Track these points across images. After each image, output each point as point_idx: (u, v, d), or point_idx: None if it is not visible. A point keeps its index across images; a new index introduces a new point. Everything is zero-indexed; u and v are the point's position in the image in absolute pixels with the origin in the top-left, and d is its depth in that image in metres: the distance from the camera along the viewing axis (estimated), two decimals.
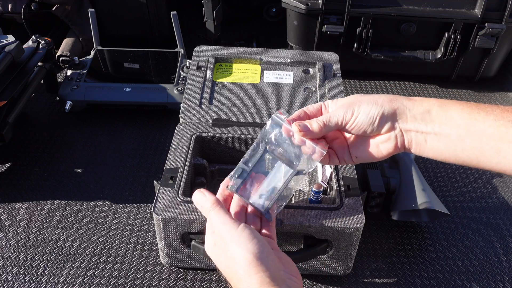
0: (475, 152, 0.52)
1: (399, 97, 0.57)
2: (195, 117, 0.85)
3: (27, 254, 0.78)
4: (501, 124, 0.50)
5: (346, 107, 0.58)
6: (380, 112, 0.56)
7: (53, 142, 1.02)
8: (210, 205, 0.57)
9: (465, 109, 0.53)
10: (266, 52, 1.00)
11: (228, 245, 0.53)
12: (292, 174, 0.60)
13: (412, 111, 0.55)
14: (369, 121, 0.56)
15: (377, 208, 0.84)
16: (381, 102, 0.56)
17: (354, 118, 0.57)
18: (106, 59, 1.18)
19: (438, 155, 0.55)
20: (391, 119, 0.56)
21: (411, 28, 1.14)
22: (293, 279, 0.52)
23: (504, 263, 0.80)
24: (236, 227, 0.54)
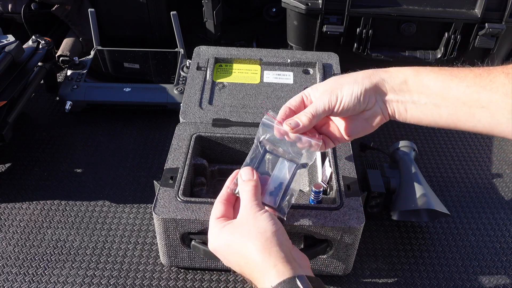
0: (452, 118, 0.55)
1: (376, 71, 0.59)
2: (195, 117, 0.85)
3: (27, 254, 0.78)
4: (474, 91, 0.52)
5: (329, 92, 0.59)
6: (363, 90, 0.58)
7: (53, 142, 1.02)
8: (252, 185, 0.58)
9: (439, 76, 0.55)
10: (266, 52, 1.00)
11: (247, 221, 0.55)
12: (297, 168, 0.62)
13: (390, 83, 0.58)
14: (354, 101, 0.58)
15: (377, 208, 0.84)
16: (360, 79, 0.58)
17: (339, 101, 0.58)
18: (106, 59, 1.18)
19: (419, 121, 0.59)
20: (373, 94, 0.58)
21: (411, 28, 1.14)
22: (302, 259, 0.55)
23: (504, 263, 0.80)
24: (259, 209, 0.56)
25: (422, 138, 1.07)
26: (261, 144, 0.63)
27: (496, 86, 0.51)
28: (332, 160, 0.77)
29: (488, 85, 0.52)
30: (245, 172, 0.60)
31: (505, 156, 1.03)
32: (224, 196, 0.61)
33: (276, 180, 0.62)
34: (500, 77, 0.51)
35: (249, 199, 0.57)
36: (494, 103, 0.51)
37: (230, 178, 0.62)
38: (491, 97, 0.51)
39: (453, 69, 0.56)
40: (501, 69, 0.52)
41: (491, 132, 0.54)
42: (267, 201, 0.61)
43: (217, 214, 0.59)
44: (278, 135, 0.61)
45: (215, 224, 0.58)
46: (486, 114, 0.52)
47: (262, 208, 0.56)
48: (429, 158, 1.01)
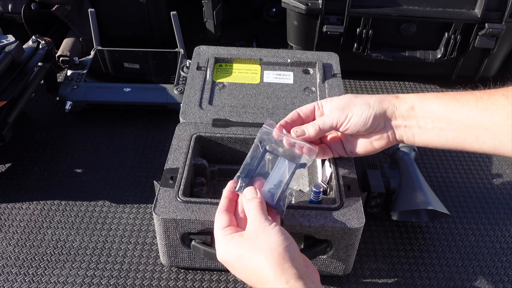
0: (458, 140, 0.58)
1: (387, 97, 0.62)
2: (195, 117, 0.85)
3: (27, 254, 0.78)
4: (476, 114, 0.55)
5: (339, 109, 0.62)
6: (373, 114, 0.61)
7: (53, 142, 1.02)
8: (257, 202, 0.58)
9: (443, 102, 0.58)
10: (266, 52, 1.00)
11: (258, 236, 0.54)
12: (296, 167, 0.63)
13: (399, 109, 0.61)
14: (363, 123, 0.61)
15: (377, 208, 0.84)
16: (372, 103, 0.61)
17: (348, 120, 0.61)
18: (106, 59, 1.18)
19: (427, 144, 0.62)
20: (383, 119, 0.61)
21: (411, 28, 1.14)
22: (313, 274, 0.54)
23: (504, 263, 0.80)
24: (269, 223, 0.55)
25: None
26: (261, 144, 0.64)
27: (497, 109, 0.53)
28: (332, 160, 0.77)
29: (489, 108, 0.54)
30: (249, 192, 0.60)
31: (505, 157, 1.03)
32: (224, 206, 0.60)
33: (275, 178, 0.63)
34: (500, 100, 0.54)
35: (257, 213, 0.56)
36: (496, 125, 0.53)
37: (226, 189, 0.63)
38: (493, 119, 0.53)
39: (456, 94, 0.58)
40: (502, 91, 0.54)
41: (497, 153, 0.56)
42: (266, 198, 0.61)
43: (222, 224, 0.58)
44: (276, 137, 0.63)
45: (222, 235, 0.57)
46: (490, 136, 0.54)
47: (271, 222, 0.55)
48: (429, 158, 1.01)
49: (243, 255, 0.54)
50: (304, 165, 0.64)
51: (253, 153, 0.64)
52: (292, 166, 0.63)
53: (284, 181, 0.63)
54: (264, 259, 0.52)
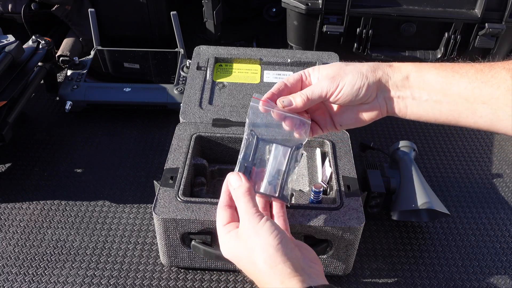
0: (453, 114, 0.54)
1: (381, 65, 0.58)
2: (195, 117, 0.85)
3: (27, 254, 0.78)
4: (475, 86, 0.52)
5: (330, 78, 0.57)
6: (366, 83, 0.56)
7: (53, 142, 1.02)
8: (243, 191, 0.56)
9: (441, 72, 0.55)
10: (266, 52, 1.00)
11: (249, 237, 0.53)
12: (292, 151, 0.61)
13: (393, 79, 0.57)
14: (355, 93, 0.57)
15: (377, 208, 0.84)
16: (365, 72, 0.57)
17: (339, 90, 0.57)
18: (106, 59, 1.18)
19: (419, 117, 0.57)
20: (375, 89, 0.57)
21: (411, 28, 1.14)
22: (313, 266, 0.53)
23: (504, 263, 0.80)
24: (259, 220, 0.53)
25: (422, 138, 1.07)
26: (252, 133, 0.61)
27: (497, 82, 0.51)
28: (332, 160, 0.77)
29: (489, 80, 0.51)
30: (234, 179, 0.58)
31: (505, 156, 1.03)
32: (224, 201, 0.59)
33: (273, 168, 0.61)
34: (501, 73, 0.51)
35: (245, 207, 0.55)
36: (496, 99, 0.50)
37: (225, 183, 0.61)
38: (493, 93, 0.51)
39: (454, 65, 0.55)
40: (502, 64, 0.52)
41: (492, 128, 0.53)
42: (268, 190, 0.60)
43: (222, 221, 0.57)
44: (262, 110, 0.59)
45: (223, 232, 0.56)
46: (488, 110, 0.51)
47: (261, 217, 0.54)
48: (429, 158, 1.01)
49: (241, 257, 0.54)
50: (300, 145, 0.61)
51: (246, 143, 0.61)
52: (288, 151, 0.61)
53: (282, 169, 0.60)
54: (258, 262, 0.51)
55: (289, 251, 0.52)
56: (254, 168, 0.61)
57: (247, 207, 0.55)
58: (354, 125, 0.61)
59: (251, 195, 0.56)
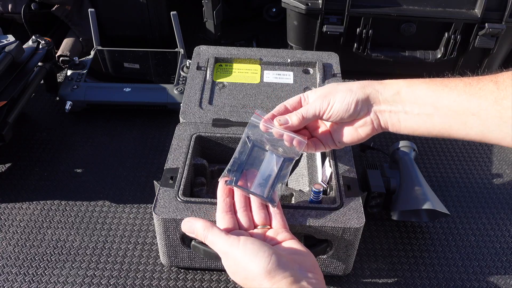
0: (444, 127, 0.56)
1: (371, 82, 0.61)
2: (195, 117, 0.85)
3: (27, 254, 0.78)
4: (464, 99, 0.54)
5: (322, 97, 0.62)
6: (354, 99, 0.60)
7: (53, 142, 1.02)
8: (202, 231, 0.58)
9: (431, 86, 0.57)
10: (266, 52, 1.00)
11: (239, 262, 0.53)
12: (284, 162, 0.65)
13: (384, 94, 0.59)
14: (345, 109, 0.60)
15: (377, 208, 0.84)
16: (355, 89, 0.60)
17: (330, 107, 0.61)
18: (106, 59, 1.18)
19: (412, 131, 0.60)
20: (366, 104, 0.60)
21: (411, 28, 1.14)
22: (309, 275, 0.52)
23: (504, 263, 0.80)
24: (237, 242, 0.54)
25: (422, 138, 1.07)
26: (249, 139, 0.65)
27: (485, 94, 0.52)
28: (332, 160, 0.77)
29: (477, 93, 0.53)
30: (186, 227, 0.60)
31: (505, 156, 1.03)
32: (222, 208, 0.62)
33: (264, 172, 0.64)
34: (489, 85, 0.53)
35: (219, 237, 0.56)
36: (484, 110, 0.52)
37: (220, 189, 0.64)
38: (481, 104, 0.52)
39: (443, 80, 0.57)
40: (490, 77, 0.53)
41: (484, 139, 0.55)
42: (257, 191, 0.63)
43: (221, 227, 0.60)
44: (263, 128, 0.64)
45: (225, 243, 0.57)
46: (477, 121, 0.53)
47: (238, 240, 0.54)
48: (429, 158, 1.01)
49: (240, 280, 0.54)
50: (292, 159, 0.65)
51: (242, 148, 0.65)
52: (280, 160, 0.65)
53: (273, 175, 0.64)
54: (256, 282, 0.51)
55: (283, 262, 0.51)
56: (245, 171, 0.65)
57: (219, 238, 0.56)
58: (351, 141, 0.64)
59: (211, 226, 0.57)
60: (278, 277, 0.50)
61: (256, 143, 0.65)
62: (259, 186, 0.63)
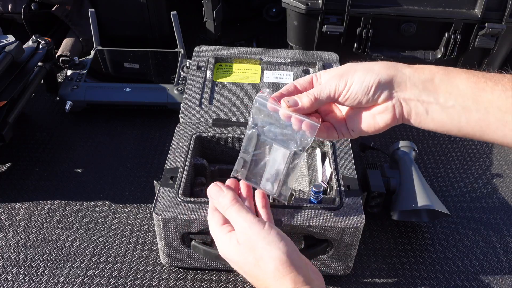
0: (480, 124, 0.49)
1: (397, 64, 0.53)
2: (195, 117, 0.85)
3: (27, 254, 0.78)
4: (510, 96, 0.46)
5: (338, 77, 0.53)
6: (376, 80, 0.51)
7: (53, 142, 1.02)
8: (229, 201, 0.55)
9: (471, 78, 0.49)
10: (266, 52, 1.00)
11: (256, 244, 0.51)
12: (291, 155, 0.58)
13: (413, 79, 0.51)
14: (364, 91, 0.52)
15: (377, 208, 0.84)
16: (377, 69, 0.52)
17: (347, 89, 0.52)
18: (106, 59, 1.18)
19: (439, 127, 0.51)
20: (388, 88, 0.51)
21: (411, 28, 1.14)
22: (318, 278, 0.52)
23: (504, 263, 0.80)
24: (262, 226, 0.52)
25: (422, 138, 1.07)
26: (254, 129, 0.58)
27: None
28: (332, 160, 0.77)
29: None
30: (214, 191, 0.57)
31: (505, 156, 1.03)
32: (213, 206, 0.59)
33: (272, 167, 0.60)
34: None
35: (240, 215, 0.53)
36: None
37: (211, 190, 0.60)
38: None
39: (485, 73, 0.50)
40: None
41: None
42: (267, 188, 0.60)
43: (218, 222, 0.57)
44: (271, 109, 0.55)
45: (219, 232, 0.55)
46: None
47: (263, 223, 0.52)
48: (429, 158, 1.01)
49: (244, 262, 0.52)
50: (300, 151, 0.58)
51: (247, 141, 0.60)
52: (287, 154, 0.59)
53: (280, 170, 0.59)
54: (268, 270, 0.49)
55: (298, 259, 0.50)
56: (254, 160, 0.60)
57: (242, 216, 0.53)
58: (368, 131, 0.56)
59: (239, 202, 0.55)
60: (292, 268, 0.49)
61: (262, 133, 0.58)
62: (267, 182, 0.60)
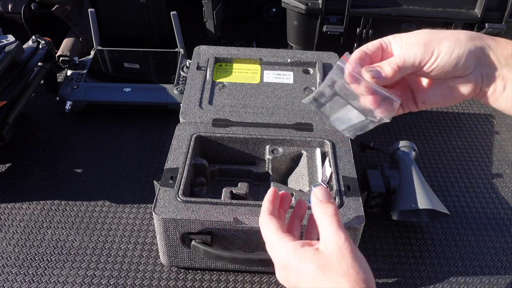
0: None
1: (481, 35, 0.49)
2: (195, 117, 0.85)
3: (27, 254, 0.78)
4: None
5: (422, 45, 0.49)
6: (466, 52, 0.47)
7: (53, 142, 1.02)
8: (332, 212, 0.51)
9: None
10: (266, 52, 1.00)
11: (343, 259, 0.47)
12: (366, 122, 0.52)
13: (497, 53, 0.48)
14: (453, 62, 0.48)
15: (377, 208, 0.84)
16: (463, 39, 0.48)
17: (435, 58, 0.48)
18: (106, 59, 1.18)
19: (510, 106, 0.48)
20: (474, 61, 0.48)
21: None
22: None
23: (504, 263, 0.80)
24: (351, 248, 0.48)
25: (422, 138, 1.07)
26: (331, 86, 0.52)
27: None
28: (332, 160, 0.77)
29: None
30: (322, 193, 0.52)
31: (505, 156, 1.03)
32: (270, 210, 0.55)
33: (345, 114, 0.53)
34: None
35: (334, 227, 0.49)
36: None
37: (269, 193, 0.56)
38: None
39: None
40: None
41: None
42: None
43: (279, 227, 0.53)
44: (349, 79, 0.50)
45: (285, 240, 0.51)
46: None
47: (353, 246, 0.48)
48: (429, 158, 1.01)
49: (320, 278, 0.47)
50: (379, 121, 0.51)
51: (322, 90, 0.52)
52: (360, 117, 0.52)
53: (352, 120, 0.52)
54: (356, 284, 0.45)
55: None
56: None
57: (336, 228, 0.49)
58: (441, 103, 0.53)
59: (339, 219, 0.51)
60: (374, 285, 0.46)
61: (338, 92, 0.52)
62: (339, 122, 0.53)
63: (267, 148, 0.82)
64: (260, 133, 0.82)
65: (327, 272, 0.46)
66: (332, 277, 0.46)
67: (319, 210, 0.51)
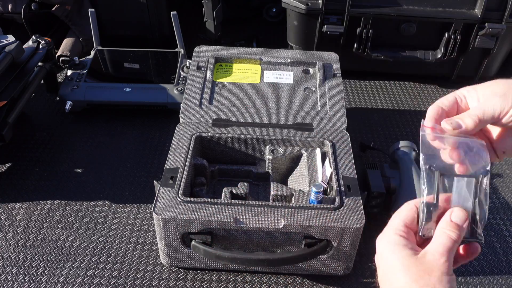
0: None
1: None
2: (195, 117, 0.85)
3: (27, 254, 0.78)
4: None
5: (500, 96, 0.49)
6: None
7: (53, 142, 1.02)
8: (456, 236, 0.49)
9: None
10: (266, 52, 1.00)
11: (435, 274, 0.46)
12: (478, 181, 0.52)
13: None
14: None
15: (377, 208, 0.84)
16: None
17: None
18: (106, 59, 1.18)
19: None
20: None
21: (411, 28, 1.14)
22: None
23: (504, 263, 0.80)
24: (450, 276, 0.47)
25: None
26: (432, 168, 0.52)
27: None
28: (332, 160, 0.77)
29: None
30: (460, 216, 0.50)
31: None
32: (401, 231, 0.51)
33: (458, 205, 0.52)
34: None
35: (446, 253, 0.47)
36: None
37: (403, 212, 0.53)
38: None
39: None
40: None
41: None
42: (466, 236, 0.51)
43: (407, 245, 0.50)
44: (431, 139, 0.51)
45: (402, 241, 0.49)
46: None
47: (451, 274, 0.47)
48: None
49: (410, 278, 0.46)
50: (487, 171, 0.51)
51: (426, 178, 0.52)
52: (472, 182, 0.51)
53: (468, 205, 0.51)
54: None
55: None
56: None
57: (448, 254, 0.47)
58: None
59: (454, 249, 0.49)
60: None
61: (442, 170, 0.51)
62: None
63: (267, 148, 0.82)
64: (260, 133, 0.82)
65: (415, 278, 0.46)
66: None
67: (445, 230, 0.50)
